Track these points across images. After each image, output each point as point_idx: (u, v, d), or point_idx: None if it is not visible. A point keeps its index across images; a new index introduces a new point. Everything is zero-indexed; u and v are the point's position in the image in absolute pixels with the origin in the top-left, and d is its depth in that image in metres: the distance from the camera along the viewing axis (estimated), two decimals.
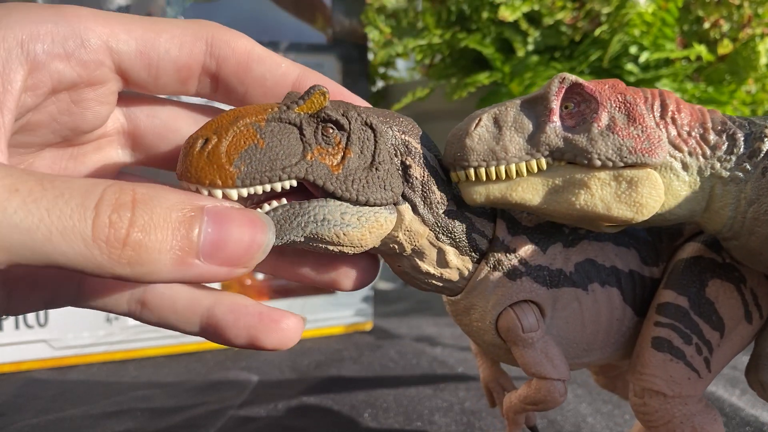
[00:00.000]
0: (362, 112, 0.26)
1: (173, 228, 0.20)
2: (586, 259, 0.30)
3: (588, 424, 0.47)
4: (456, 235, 0.28)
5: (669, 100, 0.27)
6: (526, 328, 0.29)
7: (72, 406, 0.51)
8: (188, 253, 0.20)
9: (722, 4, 0.66)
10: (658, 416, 0.29)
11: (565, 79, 0.26)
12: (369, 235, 0.26)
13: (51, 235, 0.18)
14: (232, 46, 0.26)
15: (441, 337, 0.73)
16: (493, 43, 0.67)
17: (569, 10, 0.65)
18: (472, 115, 0.27)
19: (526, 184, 0.27)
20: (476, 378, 0.58)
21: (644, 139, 0.26)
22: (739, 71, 0.65)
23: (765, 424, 0.47)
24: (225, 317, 0.25)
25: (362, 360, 0.64)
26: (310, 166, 0.24)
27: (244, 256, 0.21)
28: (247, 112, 0.23)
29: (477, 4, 0.67)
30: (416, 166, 0.27)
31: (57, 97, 0.24)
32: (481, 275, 0.29)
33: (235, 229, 0.21)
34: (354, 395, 0.53)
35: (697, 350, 0.29)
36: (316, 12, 0.73)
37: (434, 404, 0.51)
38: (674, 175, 0.27)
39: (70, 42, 0.23)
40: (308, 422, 0.48)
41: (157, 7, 0.66)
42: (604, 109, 0.26)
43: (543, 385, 0.29)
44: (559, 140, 0.26)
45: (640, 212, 0.26)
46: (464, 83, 0.66)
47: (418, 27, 0.72)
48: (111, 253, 0.19)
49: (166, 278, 0.20)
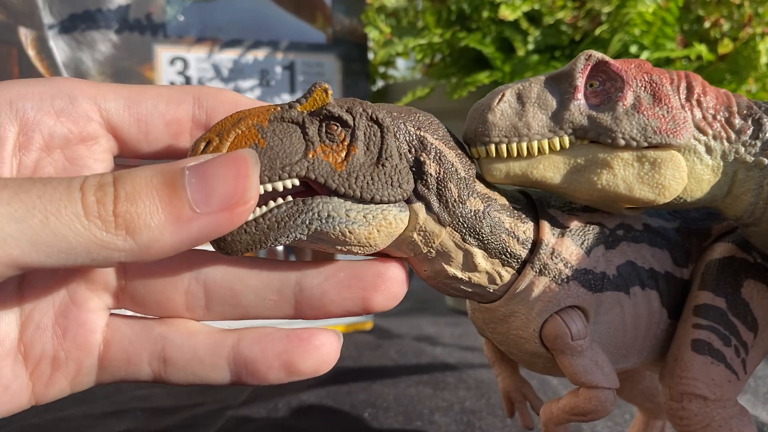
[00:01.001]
0: (369, 107, 0.25)
1: (157, 189, 0.20)
2: (626, 262, 0.29)
3: (588, 423, 0.47)
4: (484, 236, 0.26)
5: (695, 83, 0.26)
6: (575, 335, 0.27)
7: (72, 406, 0.51)
8: (180, 208, 0.20)
9: (723, 4, 0.65)
10: (697, 420, 0.29)
11: (591, 57, 0.26)
12: (377, 233, 0.24)
13: (47, 219, 0.18)
14: (220, 98, 0.26)
15: (441, 336, 0.73)
16: (493, 43, 0.67)
17: (569, 9, 0.65)
18: (495, 90, 0.27)
19: (547, 162, 0.26)
20: (476, 378, 0.58)
21: (669, 119, 0.25)
22: (740, 71, 0.64)
23: (765, 424, 0.47)
24: (251, 351, 0.24)
25: (362, 360, 0.64)
26: (312, 164, 0.23)
27: (236, 189, 0.20)
28: (250, 114, 0.23)
29: (477, 3, 0.67)
30: (431, 163, 0.25)
31: (52, 156, 0.24)
32: (525, 280, 0.27)
33: (217, 169, 0.20)
34: (354, 395, 0.53)
35: (736, 352, 0.29)
36: (316, 11, 0.73)
37: (434, 404, 0.51)
38: (698, 159, 0.26)
39: (58, 100, 0.23)
40: (308, 422, 0.48)
41: (157, 6, 0.66)
42: (630, 88, 0.26)
43: (594, 395, 0.28)
44: (583, 118, 0.26)
45: (662, 194, 0.26)
46: (464, 82, 0.66)
47: (418, 26, 0.72)
48: (107, 227, 0.19)
49: (170, 242, 0.20)
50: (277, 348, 0.24)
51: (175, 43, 0.67)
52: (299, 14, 0.72)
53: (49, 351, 0.24)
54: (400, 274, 0.25)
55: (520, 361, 0.31)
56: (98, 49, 0.64)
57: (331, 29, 0.73)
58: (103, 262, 0.20)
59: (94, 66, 0.64)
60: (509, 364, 0.35)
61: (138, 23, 0.66)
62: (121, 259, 0.20)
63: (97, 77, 0.64)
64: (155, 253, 0.20)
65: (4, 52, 0.61)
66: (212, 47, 0.68)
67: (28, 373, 0.24)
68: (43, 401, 0.24)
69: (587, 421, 0.29)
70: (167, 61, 0.67)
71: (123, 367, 0.24)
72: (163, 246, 0.20)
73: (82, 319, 0.24)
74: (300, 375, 0.24)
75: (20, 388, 0.23)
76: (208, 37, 0.68)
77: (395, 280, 0.25)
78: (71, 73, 0.64)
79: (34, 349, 0.24)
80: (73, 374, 0.24)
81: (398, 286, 0.25)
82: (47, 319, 0.24)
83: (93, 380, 0.25)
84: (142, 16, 0.66)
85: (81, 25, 0.64)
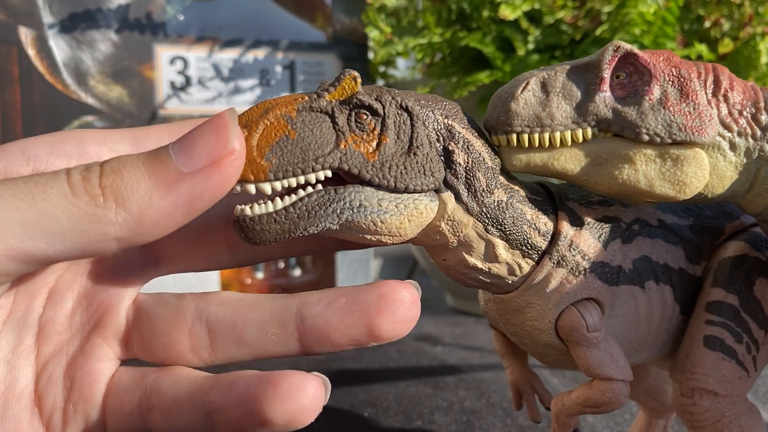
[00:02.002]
0: (397, 95, 0.24)
1: (143, 162, 0.20)
2: (642, 256, 0.29)
3: (588, 423, 0.47)
4: (506, 227, 0.26)
5: (723, 76, 0.26)
6: (591, 327, 0.27)
7: None
8: (166, 172, 0.20)
9: (723, 3, 0.65)
10: (707, 416, 0.29)
11: (620, 48, 0.25)
12: (408, 223, 0.24)
13: (34, 200, 0.18)
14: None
15: (441, 336, 0.73)
16: (493, 42, 0.67)
17: (570, 8, 0.65)
18: (519, 78, 0.26)
19: (569, 153, 0.26)
20: (476, 377, 0.58)
21: (695, 116, 0.25)
22: (740, 70, 0.64)
23: (764, 423, 0.47)
24: (219, 397, 0.22)
25: (362, 359, 0.64)
26: (344, 154, 0.23)
27: (218, 142, 0.20)
28: (277, 104, 0.23)
29: (477, 2, 0.67)
30: (460, 152, 0.25)
31: None
32: (543, 271, 0.28)
33: (196, 130, 0.20)
34: (354, 394, 0.53)
35: (747, 349, 0.29)
36: (316, 11, 0.73)
37: (434, 403, 0.51)
38: (721, 155, 0.26)
39: (67, 145, 0.24)
40: None
41: (158, 6, 0.66)
42: (657, 82, 0.25)
43: (608, 387, 0.28)
44: (608, 111, 0.25)
45: (682, 191, 0.26)
46: (464, 82, 0.66)
47: (419, 26, 0.72)
48: (96, 201, 0.19)
49: (162, 207, 0.20)
50: (244, 393, 0.21)
51: (175, 43, 0.67)
52: (299, 14, 0.72)
53: (60, 403, 0.23)
54: (408, 295, 0.22)
55: (533, 353, 0.31)
56: (98, 49, 0.64)
57: (332, 29, 0.73)
58: (101, 241, 0.19)
59: (94, 65, 0.64)
60: (519, 357, 0.35)
61: (138, 22, 0.66)
62: (118, 234, 0.19)
63: (98, 76, 0.64)
64: (150, 222, 0.20)
65: (4, 52, 0.61)
66: (212, 47, 0.68)
67: (44, 426, 0.23)
68: None
69: (600, 413, 0.29)
70: (167, 61, 0.67)
71: (119, 418, 0.24)
72: (156, 212, 0.19)
73: (88, 368, 0.24)
74: (270, 425, 0.21)
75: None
76: (208, 37, 0.68)
77: (402, 302, 0.22)
78: (71, 73, 0.64)
79: (47, 402, 0.23)
80: (82, 427, 0.23)
81: (406, 309, 0.22)
82: (59, 370, 0.23)
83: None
84: (142, 16, 0.65)
85: (81, 25, 0.64)
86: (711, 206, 0.32)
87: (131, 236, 0.20)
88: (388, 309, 0.22)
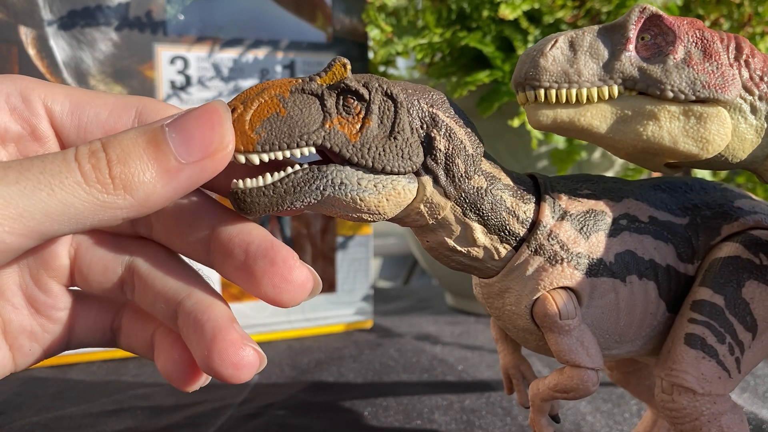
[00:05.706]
0: (384, 83, 0.26)
1: (144, 149, 0.22)
2: (626, 250, 0.30)
3: (588, 422, 0.47)
4: (484, 213, 0.28)
5: (744, 44, 0.27)
6: (564, 314, 0.28)
7: (72, 405, 0.52)
8: (167, 162, 0.22)
9: (722, 3, 0.65)
10: (685, 413, 0.29)
11: (646, 9, 0.26)
12: (386, 202, 0.26)
13: (53, 191, 0.21)
14: (161, 113, 0.27)
15: (441, 335, 0.73)
16: (493, 42, 0.67)
17: (569, 8, 0.65)
18: (547, 37, 0.27)
19: (595, 110, 0.27)
20: (476, 376, 0.58)
21: (719, 75, 0.26)
22: None
23: (764, 422, 0.47)
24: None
25: (362, 358, 0.64)
26: (328, 133, 0.25)
27: (214, 138, 0.23)
28: (273, 85, 0.25)
29: (477, 2, 0.67)
30: (441, 138, 0.27)
31: (7, 149, 0.26)
32: (521, 258, 0.29)
33: (193, 122, 0.23)
34: (354, 393, 0.53)
35: (730, 350, 0.29)
36: (316, 10, 0.73)
37: (434, 402, 0.51)
38: (742, 117, 0.27)
39: (12, 98, 0.25)
40: (308, 421, 0.48)
41: (158, 5, 0.66)
42: (681, 42, 0.26)
43: (576, 374, 0.29)
44: (634, 69, 0.26)
45: (705, 149, 0.26)
46: (464, 82, 0.66)
47: (419, 25, 0.72)
48: (107, 189, 0.21)
49: (164, 194, 0.22)
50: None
51: (176, 42, 0.67)
52: (299, 13, 0.72)
53: (27, 326, 0.27)
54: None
55: (514, 337, 0.32)
56: (98, 48, 0.64)
57: (332, 28, 0.73)
58: (110, 221, 0.22)
59: (94, 65, 0.64)
60: (511, 343, 0.36)
61: (138, 22, 0.66)
62: (125, 215, 0.22)
63: (98, 76, 0.64)
64: (153, 204, 0.22)
65: (4, 51, 0.61)
66: (212, 46, 0.68)
67: (8, 346, 0.27)
68: (22, 368, 0.28)
69: (570, 398, 0.30)
70: (167, 60, 0.67)
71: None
72: (159, 197, 0.22)
73: (48, 300, 0.27)
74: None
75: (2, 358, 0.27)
76: (208, 36, 0.68)
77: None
78: (72, 72, 0.64)
79: (12, 326, 0.27)
80: (48, 344, 0.27)
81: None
82: (18, 299, 0.27)
83: (65, 347, 0.28)
84: (143, 15, 0.66)
85: (81, 23, 0.64)
86: (710, 207, 0.32)
87: (134, 215, 0.22)
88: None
